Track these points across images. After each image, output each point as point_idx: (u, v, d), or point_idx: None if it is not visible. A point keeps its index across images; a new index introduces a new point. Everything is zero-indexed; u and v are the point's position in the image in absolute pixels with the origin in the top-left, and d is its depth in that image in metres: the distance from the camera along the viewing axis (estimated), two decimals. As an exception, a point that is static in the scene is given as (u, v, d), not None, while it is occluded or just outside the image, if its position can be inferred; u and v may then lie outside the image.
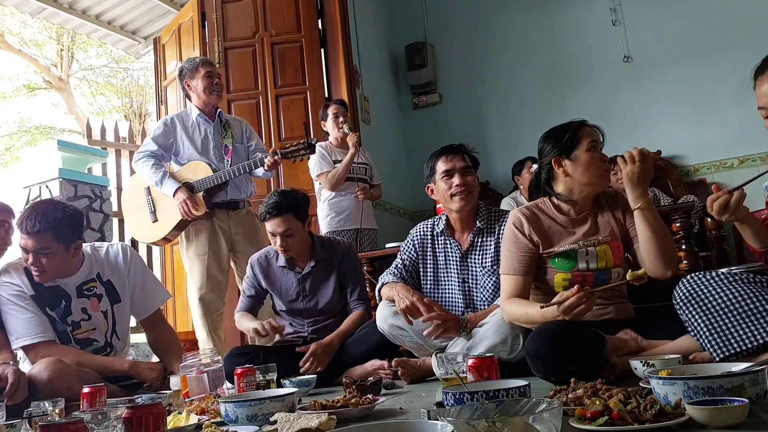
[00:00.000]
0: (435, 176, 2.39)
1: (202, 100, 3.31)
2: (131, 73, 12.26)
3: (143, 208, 3.31)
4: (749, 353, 1.61)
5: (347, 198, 3.73)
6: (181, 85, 3.41)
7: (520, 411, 1.05)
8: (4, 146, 11.35)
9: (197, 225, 3.21)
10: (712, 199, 1.63)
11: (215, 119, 3.35)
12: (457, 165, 2.34)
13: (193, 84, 3.31)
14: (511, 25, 5.45)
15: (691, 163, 4.82)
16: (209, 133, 3.31)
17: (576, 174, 2.02)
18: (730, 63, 4.51)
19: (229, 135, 3.34)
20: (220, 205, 3.22)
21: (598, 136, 2.05)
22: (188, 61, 3.43)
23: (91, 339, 2.42)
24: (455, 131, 5.27)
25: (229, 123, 3.40)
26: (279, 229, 2.62)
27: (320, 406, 1.57)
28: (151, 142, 3.26)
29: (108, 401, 1.82)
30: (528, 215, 2.07)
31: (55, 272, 2.35)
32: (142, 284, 2.58)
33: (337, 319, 2.72)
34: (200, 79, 3.28)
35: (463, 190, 2.32)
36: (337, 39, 4.60)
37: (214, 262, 3.20)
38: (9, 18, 10.35)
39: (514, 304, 2.00)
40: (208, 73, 3.30)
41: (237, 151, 3.33)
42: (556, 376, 1.75)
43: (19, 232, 2.29)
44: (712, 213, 1.65)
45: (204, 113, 3.32)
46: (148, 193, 3.30)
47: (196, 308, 3.21)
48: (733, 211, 1.62)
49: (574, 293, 1.73)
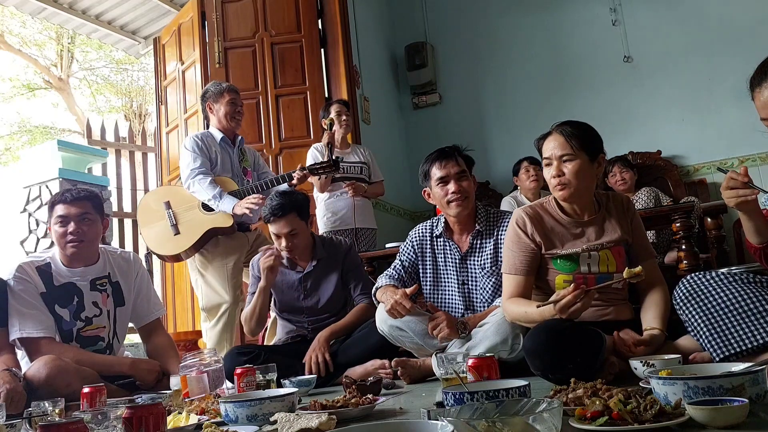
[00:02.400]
0: (430, 182, 2.39)
1: (222, 125, 3.36)
2: (131, 74, 12.27)
3: (163, 221, 3.29)
4: (749, 353, 1.61)
5: (342, 198, 3.75)
6: (202, 106, 3.46)
7: (520, 411, 1.05)
8: (4, 146, 11.36)
9: (213, 242, 3.24)
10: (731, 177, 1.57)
11: (235, 144, 3.42)
12: (452, 171, 2.34)
13: (215, 108, 3.36)
14: (511, 25, 5.45)
15: (691, 163, 4.81)
16: (231, 155, 3.37)
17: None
18: (730, 63, 4.51)
19: (246, 160, 3.43)
20: (239, 225, 3.26)
21: (552, 151, 1.98)
22: (214, 84, 3.48)
23: (99, 337, 2.46)
24: (455, 131, 5.28)
25: (245, 151, 3.48)
26: (284, 230, 2.63)
27: (320, 406, 1.57)
28: (197, 158, 3.21)
29: (108, 401, 1.82)
30: (531, 215, 2.05)
31: (90, 244, 2.46)
32: (146, 291, 2.65)
33: (338, 317, 2.72)
34: (224, 104, 3.34)
35: (459, 197, 2.32)
36: (337, 39, 4.60)
37: (234, 273, 3.24)
38: (9, 18, 10.36)
39: (514, 304, 2.00)
40: (232, 100, 3.35)
41: (254, 175, 3.44)
42: (554, 373, 1.75)
43: (59, 205, 2.42)
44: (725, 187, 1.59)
45: (226, 137, 3.37)
46: (168, 207, 3.29)
47: (219, 319, 3.22)
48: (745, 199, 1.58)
49: (570, 291, 1.73)
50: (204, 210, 3.23)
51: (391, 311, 2.22)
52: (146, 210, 3.43)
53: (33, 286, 2.38)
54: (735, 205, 1.60)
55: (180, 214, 3.28)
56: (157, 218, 3.34)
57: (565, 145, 1.97)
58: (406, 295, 2.21)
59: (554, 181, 1.99)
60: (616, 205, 2.09)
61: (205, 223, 3.20)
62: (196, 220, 3.22)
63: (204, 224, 3.20)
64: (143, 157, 5.49)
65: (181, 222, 3.26)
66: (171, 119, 4.95)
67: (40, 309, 2.35)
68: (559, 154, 1.97)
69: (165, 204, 3.31)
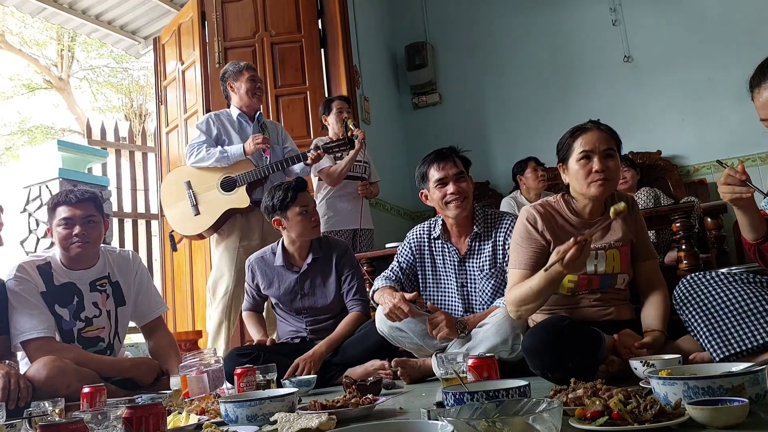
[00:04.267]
0: (428, 183, 2.38)
1: (244, 102, 3.44)
2: (131, 73, 12.28)
3: (184, 202, 3.38)
4: (749, 353, 1.62)
5: (346, 197, 3.74)
6: (223, 87, 3.53)
7: (520, 411, 1.05)
8: (4, 146, 11.36)
9: (231, 221, 3.30)
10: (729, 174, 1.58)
11: (254, 121, 3.47)
12: (450, 172, 2.33)
13: (236, 86, 3.45)
14: (511, 25, 5.45)
15: (691, 163, 4.82)
16: (249, 132, 3.41)
17: (571, 182, 2.02)
18: (730, 63, 4.51)
19: (267, 135, 3.43)
20: (256, 202, 3.25)
21: (597, 144, 1.95)
22: (233, 64, 3.57)
23: (99, 338, 2.46)
24: (455, 131, 5.28)
25: (266, 125, 3.52)
26: (311, 203, 2.74)
27: (320, 406, 1.57)
28: (201, 135, 3.36)
29: (108, 401, 1.82)
30: (542, 212, 2.03)
31: (94, 245, 2.47)
32: (146, 290, 2.65)
33: (337, 319, 2.72)
34: (244, 81, 3.42)
35: (458, 198, 2.31)
36: (337, 39, 4.60)
37: (244, 257, 3.20)
38: (10, 18, 10.36)
39: (516, 288, 1.95)
40: (251, 76, 3.44)
41: (275, 151, 3.46)
42: (553, 372, 1.75)
43: (63, 207, 2.42)
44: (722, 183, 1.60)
45: (245, 114, 3.44)
46: (189, 187, 3.37)
47: (222, 301, 3.28)
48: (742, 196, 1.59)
49: (571, 246, 1.72)
50: (223, 190, 3.30)
51: (390, 315, 2.22)
52: (168, 190, 3.50)
53: (33, 286, 2.38)
54: (730, 201, 1.61)
55: (200, 195, 3.36)
56: (178, 198, 3.42)
57: (609, 140, 1.96)
58: (404, 299, 2.20)
59: (597, 175, 1.91)
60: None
61: (223, 203, 3.29)
62: (215, 201, 3.31)
63: (222, 205, 3.29)
64: (143, 157, 5.49)
65: (201, 202, 3.35)
66: (171, 119, 4.95)
67: (41, 308, 2.35)
68: (604, 147, 1.94)
69: (186, 184, 3.39)
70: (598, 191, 1.94)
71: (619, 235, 2.01)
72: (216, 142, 3.37)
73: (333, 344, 2.58)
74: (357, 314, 2.68)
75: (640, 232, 2.08)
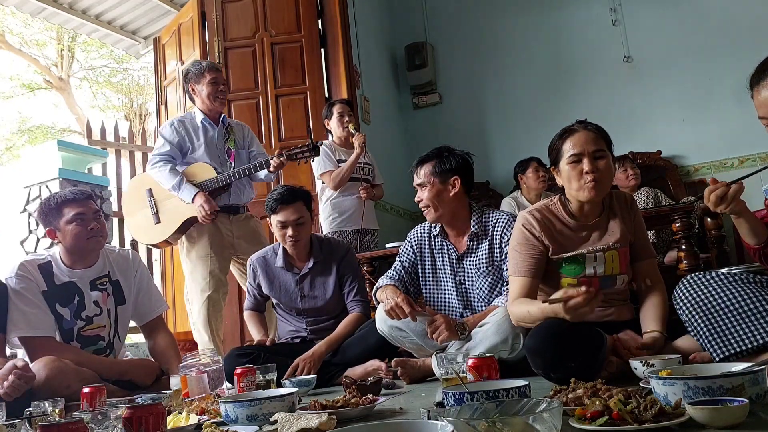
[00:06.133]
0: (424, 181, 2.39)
1: (206, 106, 3.30)
2: (131, 73, 12.28)
3: (145, 210, 3.28)
4: (749, 353, 1.61)
5: (350, 198, 3.73)
6: (186, 88, 3.39)
7: (520, 411, 1.05)
8: (4, 146, 11.36)
9: (199, 227, 3.18)
10: (710, 190, 1.62)
11: (219, 124, 3.34)
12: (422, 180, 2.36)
13: (198, 89, 3.30)
14: (511, 25, 5.45)
15: (691, 163, 4.82)
16: (213, 137, 3.30)
17: (564, 185, 2.01)
18: (730, 63, 4.51)
19: (231, 139, 3.34)
20: (221, 209, 3.19)
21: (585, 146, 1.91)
22: (195, 64, 3.41)
23: (99, 336, 2.46)
24: (455, 131, 5.28)
25: (232, 127, 3.40)
26: (292, 216, 2.62)
27: (320, 406, 1.57)
28: (165, 144, 3.23)
29: (108, 401, 1.82)
30: (539, 218, 2.02)
31: (105, 239, 2.51)
32: (147, 289, 2.65)
33: (337, 320, 2.72)
34: (205, 84, 3.27)
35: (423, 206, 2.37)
36: (337, 39, 4.60)
37: (216, 262, 3.18)
38: (10, 18, 10.36)
39: (517, 305, 1.97)
40: (213, 79, 3.28)
41: (239, 155, 3.33)
42: (555, 372, 1.75)
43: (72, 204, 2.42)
44: (709, 204, 1.63)
45: (208, 117, 3.32)
46: (150, 195, 3.27)
47: (202, 309, 3.17)
48: (730, 203, 1.62)
49: (580, 293, 1.67)
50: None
51: (390, 312, 2.21)
52: (129, 198, 3.41)
53: (35, 285, 2.38)
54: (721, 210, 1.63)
55: (161, 203, 3.24)
56: (139, 207, 3.31)
57: (598, 141, 1.93)
58: (408, 300, 2.20)
59: (588, 177, 1.89)
60: (620, 204, 2.07)
61: (185, 211, 3.15)
62: (176, 209, 3.18)
63: (183, 213, 3.16)
64: (143, 157, 5.48)
65: (162, 211, 3.24)
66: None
67: (42, 308, 2.35)
68: (593, 149, 1.91)
69: (147, 191, 3.28)
70: (590, 194, 1.92)
71: (617, 236, 2.01)
72: (180, 149, 3.24)
73: (333, 344, 2.58)
74: (357, 315, 2.69)
75: (639, 231, 2.08)
